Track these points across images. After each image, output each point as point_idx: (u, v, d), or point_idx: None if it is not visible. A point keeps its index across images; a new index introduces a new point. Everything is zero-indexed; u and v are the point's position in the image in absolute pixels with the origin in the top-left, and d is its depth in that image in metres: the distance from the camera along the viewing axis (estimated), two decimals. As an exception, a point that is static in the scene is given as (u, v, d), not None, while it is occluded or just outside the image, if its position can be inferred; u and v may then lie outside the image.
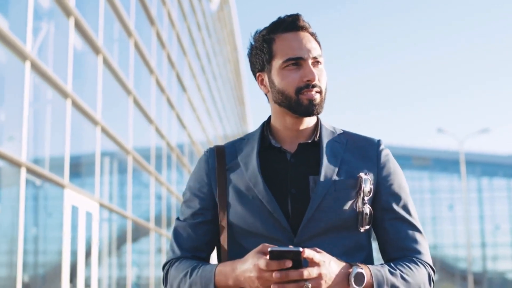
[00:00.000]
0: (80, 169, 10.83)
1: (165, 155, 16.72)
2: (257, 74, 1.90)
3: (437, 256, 52.16)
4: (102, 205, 11.05)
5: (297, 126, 1.87)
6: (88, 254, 10.18)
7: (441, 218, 56.36)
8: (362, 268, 1.70)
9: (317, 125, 1.92)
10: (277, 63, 1.82)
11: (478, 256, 55.77)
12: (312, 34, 1.87)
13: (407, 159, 52.03)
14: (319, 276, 1.63)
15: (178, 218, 1.94)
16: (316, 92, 1.81)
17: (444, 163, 55.79)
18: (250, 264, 1.64)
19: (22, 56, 7.98)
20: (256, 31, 1.89)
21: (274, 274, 1.59)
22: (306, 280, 1.61)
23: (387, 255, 1.89)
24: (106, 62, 11.50)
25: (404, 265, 1.80)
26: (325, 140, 1.88)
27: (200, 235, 1.89)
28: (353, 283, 1.68)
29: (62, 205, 9.08)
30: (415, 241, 1.86)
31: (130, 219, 13.04)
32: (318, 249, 1.67)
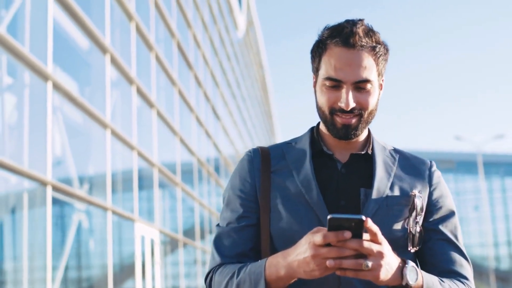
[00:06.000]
0: (144, 201, 13.34)
1: (205, 180, 19.18)
2: (313, 75, 1.77)
3: (465, 256, 53.25)
4: (161, 231, 13.58)
5: None
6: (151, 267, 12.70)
7: (468, 219, 57.59)
8: (414, 266, 1.58)
9: (369, 138, 1.81)
10: (321, 75, 1.70)
11: (505, 254, 57.04)
12: (373, 49, 1.68)
13: (432, 163, 53.29)
14: (381, 256, 1.48)
15: (218, 225, 1.80)
16: (354, 116, 1.68)
17: (468, 166, 57.14)
18: (304, 244, 1.48)
19: (103, 124, 10.48)
20: (325, 27, 1.73)
21: (331, 249, 1.44)
22: (365, 258, 1.46)
23: None
24: (159, 114, 13.98)
25: (452, 281, 1.71)
26: (378, 153, 1.78)
27: (246, 239, 1.74)
28: (407, 276, 1.54)
29: (134, 235, 11.60)
30: (462, 266, 1.75)
31: (182, 241, 15.56)
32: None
